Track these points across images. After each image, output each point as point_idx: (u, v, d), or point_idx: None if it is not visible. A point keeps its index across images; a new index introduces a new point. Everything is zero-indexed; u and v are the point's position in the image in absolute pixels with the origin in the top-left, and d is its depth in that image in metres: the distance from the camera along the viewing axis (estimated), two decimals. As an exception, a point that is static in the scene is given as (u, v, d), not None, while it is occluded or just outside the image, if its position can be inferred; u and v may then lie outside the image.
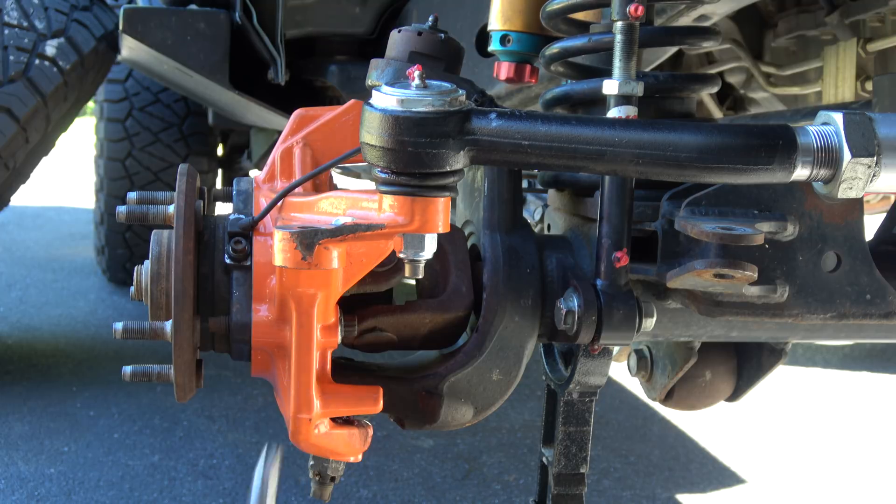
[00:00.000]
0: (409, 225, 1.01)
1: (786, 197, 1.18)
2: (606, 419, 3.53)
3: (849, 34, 1.79)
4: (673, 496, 2.93)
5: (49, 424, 3.25)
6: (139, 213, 1.13)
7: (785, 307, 1.19)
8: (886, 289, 1.20)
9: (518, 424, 3.42)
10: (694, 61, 2.36)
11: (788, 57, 2.16)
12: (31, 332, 4.31)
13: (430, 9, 2.33)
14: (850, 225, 1.20)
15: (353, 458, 1.18)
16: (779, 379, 4.02)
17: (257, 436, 3.24)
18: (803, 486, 3.06)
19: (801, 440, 3.45)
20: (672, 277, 1.16)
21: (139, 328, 1.11)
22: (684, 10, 1.42)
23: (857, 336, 1.34)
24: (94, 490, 2.77)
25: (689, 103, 1.35)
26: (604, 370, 1.29)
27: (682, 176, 1.04)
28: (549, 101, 1.36)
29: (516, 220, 1.26)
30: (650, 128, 1.03)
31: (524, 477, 2.96)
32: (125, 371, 1.15)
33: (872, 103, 1.63)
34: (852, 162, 1.03)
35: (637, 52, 1.14)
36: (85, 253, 5.96)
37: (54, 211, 7.57)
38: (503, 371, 1.22)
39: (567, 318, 1.18)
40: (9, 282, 5.24)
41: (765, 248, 1.17)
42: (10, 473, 2.85)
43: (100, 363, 3.90)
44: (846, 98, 1.83)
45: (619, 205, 1.17)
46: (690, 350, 1.41)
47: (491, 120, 1.01)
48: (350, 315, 1.18)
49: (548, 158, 1.03)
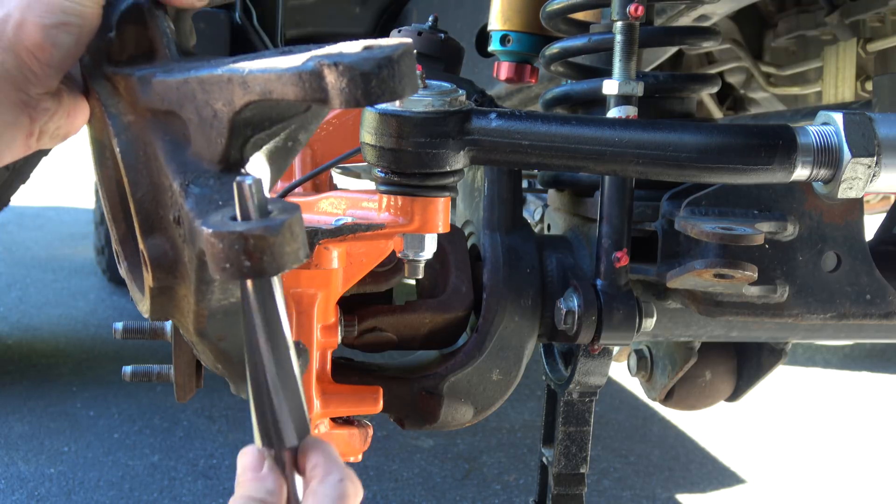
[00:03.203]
0: (409, 225, 1.01)
1: (786, 197, 1.18)
2: (606, 419, 3.53)
3: (849, 34, 1.79)
4: (673, 496, 2.93)
5: (49, 424, 3.25)
6: (139, 213, 1.13)
7: (785, 307, 1.19)
8: (886, 289, 1.20)
9: (518, 424, 3.42)
10: (694, 61, 2.36)
11: (788, 57, 2.16)
12: (31, 332, 4.31)
13: (430, 9, 2.33)
14: (850, 225, 1.20)
15: (353, 458, 1.18)
16: (779, 379, 4.02)
17: (257, 436, 3.23)
18: (803, 486, 3.06)
19: (801, 440, 3.45)
20: (672, 277, 1.16)
21: (139, 328, 1.11)
22: (684, 10, 1.42)
23: (857, 336, 1.34)
24: (94, 490, 2.77)
25: (689, 103, 1.35)
26: (604, 370, 1.29)
27: (682, 176, 1.04)
28: (549, 101, 1.36)
29: (516, 220, 1.26)
30: (650, 128, 1.03)
31: (524, 477, 2.96)
32: (125, 371, 1.16)
33: (872, 103, 1.63)
34: (852, 162, 1.03)
35: (637, 52, 1.14)
36: (85, 253, 5.95)
37: (54, 211, 7.57)
38: (503, 371, 1.22)
39: (567, 318, 1.17)
40: (9, 282, 5.24)
41: (765, 248, 1.17)
42: (10, 473, 2.85)
43: (100, 363, 3.90)
44: (846, 98, 1.83)
45: (619, 205, 1.17)
46: (690, 350, 1.41)
47: (491, 120, 1.02)
48: (350, 315, 1.18)
49: (548, 158, 1.03)
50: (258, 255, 0.62)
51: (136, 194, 0.79)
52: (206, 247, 0.64)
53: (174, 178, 0.75)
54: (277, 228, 0.62)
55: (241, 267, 0.63)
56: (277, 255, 0.63)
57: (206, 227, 0.64)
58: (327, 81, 0.66)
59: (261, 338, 0.66)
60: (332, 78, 0.66)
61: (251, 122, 0.74)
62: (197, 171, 0.75)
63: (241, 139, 0.74)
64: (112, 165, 0.87)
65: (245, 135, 0.75)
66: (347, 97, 0.65)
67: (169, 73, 0.78)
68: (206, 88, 0.74)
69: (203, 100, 0.74)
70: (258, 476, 0.65)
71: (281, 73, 0.68)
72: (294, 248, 0.64)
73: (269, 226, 0.63)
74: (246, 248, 0.62)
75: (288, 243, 0.63)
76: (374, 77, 0.65)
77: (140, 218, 0.79)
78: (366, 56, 0.65)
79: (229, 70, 0.72)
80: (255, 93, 0.70)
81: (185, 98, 0.76)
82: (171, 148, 0.77)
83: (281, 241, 0.63)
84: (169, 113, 0.78)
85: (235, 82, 0.71)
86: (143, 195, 0.79)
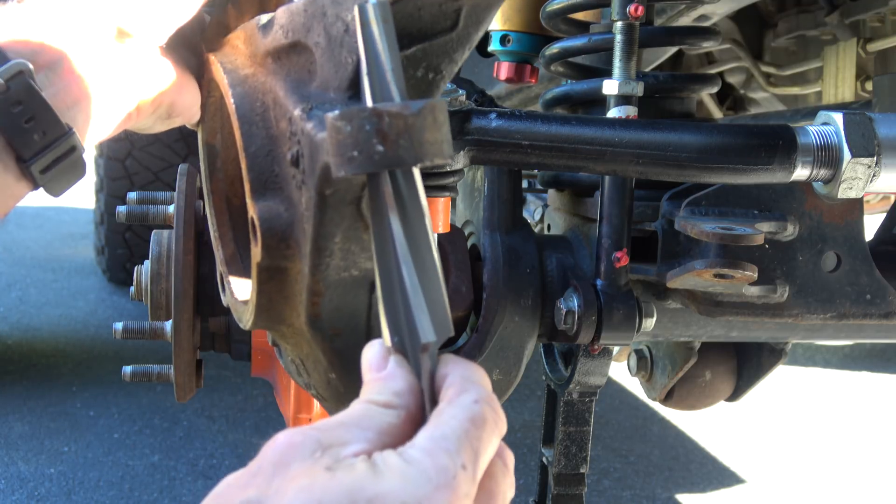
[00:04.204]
0: (409, 225, 1.01)
1: (786, 197, 1.18)
2: (606, 419, 3.53)
3: (849, 34, 1.79)
4: (673, 496, 2.93)
5: (49, 424, 3.25)
6: (139, 213, 1.13)
7: (785, 307, 1.19)
8: (886, 289, 1.20)
9: (518, 424, 3.42)
10: (694, 61, 2.35)
11: (788, 57, 2.16)
12: (31, 332, 4.31)
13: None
14: (850, 225, 1.20)
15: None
16: (779, 379, 4.02)
17: (257, 436, 3.24)
18: (803, 486, 3.06)
19: (801, 440, 3.45)
20: (672, 277, 1.16)
21: (139, 328, 1.11)
22: (684, 10, 1.42)
23: (857, 336, 1.34)
24: (94, 490, 2.77)
25: (689, 103, 1.35)
26: (604, 370, 1.29)
27: (682, 176, 1.04)
28: (549, 101, 1.36)
29: (516, 220, 1.26)
30: (650, 128, 1.03)
31: (524, 477, 2.96)
32: (125, 371, 1.16)
33: (872, 103, 1.63)
34: (852, 162, 1.03)
35: (637, 52, 1.14)
36: (85, 253, 5.95)
37: (54, 211, 7.57)
38: (503, 371, 1.22)
39: (567, 318, 1.17)
40: (9, 282, 5.24)
41: (765, 248, 1.17)
42: (10, 473, 2.85)
43: (100, 363, 3.90)
44: (846, 98, 1.83)
45: (619, 205, 1.17)
46: (690, 350, 1.41)
47: (491, 120, 1.01)
48: (350, 315, 1.18)
49: (548, 158, 1.03)
50: (394, 137, 0.52)
51: (250, 148, 0.71)
52: (330, 136, 0.53)
53: (295, 107, 0.66)
54: (418, 109, 0.52)
55: (373, 152, 0.52)
56: (416, 142, 0.52)
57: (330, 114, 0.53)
58: None
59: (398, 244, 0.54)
60: None
61: None
62: (322, 101, 0.66)
63: None
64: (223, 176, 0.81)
65: None
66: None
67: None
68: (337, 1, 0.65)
69: (333, 14, 0.65)
70: (381, 376, 0.55)
71: None
72: (437, 137, 0.53)
73: (408, 104, 0.53)
74: (379, 129, 0.52)
75: (429, 129, 0.53)
76: None
77: (252, 175, 0.70)
78: None
79: None
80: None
81: (314, 18, 0.67)
82: (294, 86, 0.69)
83: (422, 125, 0.52)
84: (293, 46, 0.70)
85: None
86: (257, 149, 0.71)
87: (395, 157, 0.51)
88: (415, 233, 0.54)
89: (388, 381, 0.54)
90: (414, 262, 0.54)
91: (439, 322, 0.54)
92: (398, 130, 0.51)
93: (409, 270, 0.54)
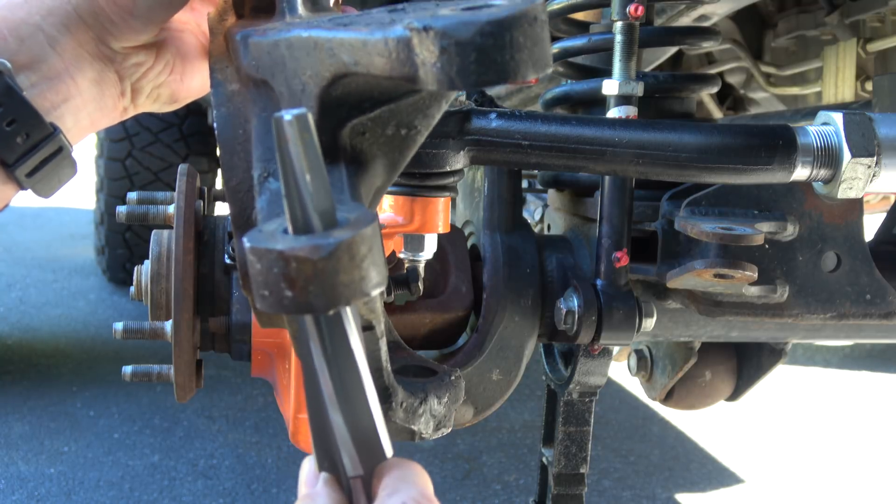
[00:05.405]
0: (408, 225, 1.01)
1: (786, 197, 1.18)
2: (606, 419, 3.53)
3: (849, 34, 1.79)
4: (673, 496, 2.93)
5: (49, 424, 3.25)
6: (139, 213, 1.13)
7: (785, 307, 1.19)
8: (886, 289, 1.20)
9: (518, 424, 3.42)
10: (694, 61, 2.35)
11: (788, 57, 2.16)
12: (31, 332, 4.31)
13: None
14: (850, 225, 1.20)
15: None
16: (779, 379, 4.02)
17: (257, 436, 3.24)
18: (803, 486, 3.06)
19: (800, 440, 3.45)
20: (672, 277, 1.16)
21: (139, 328, 1.11)
22: (684, 10, 1.42)
23: (857, 336, 1.34)
24: (94, 490, 2.77)
25: (689, 103, 1.35)
26: (604, 370, 1.29)
27: (682, 176, 1.04)
28: (549, 101, 1.36)
29: (516, 220, 1.26)
30: (650, 128, 1.03)
31: (524, 477, 2.96)
32: (125, 371, 1.15)
33: (872, 103, 1.63)
34: (852, 162, 1.02)
35: (637, 52, 1.14)
36: (85, 253, 5.95)
37: (54, 211, 7.57)
38: (503, 371, 1.22)
39: (567, 318, 1.17)
40: (9, 282, 5.24)
41: (765, 248, 1.17)
42: (10, 473, 2.85)
43: (100, 363, 3.90)
44: (846, 98, 1.83)
45: (619, 205, 1.17)
46: (690, 350, 1.41)
47: (491, 120, 1.02)
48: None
49: (548, 158, 1.03)
50: (302, 283, 0.46)
51: (231, 181, 0.65)
52: (249, 265, 0.49)
53: (255, 168, 0.61)
54: (329, 249, 0.46)
55: (282, 297, 0.47)
56: (327, 287, 0.46)
57: (246, 239, 0.48)
58: (416, 53, 0.49)
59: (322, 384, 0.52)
60: (421, 48, 0.49)
61: (346, 101, 0.59)
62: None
63: (333, 121, 0.59)
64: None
65: (339, 116, 0.59)
66: (440, 76, 0.48)
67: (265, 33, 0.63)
68: (294, 55, 0.59)
69: (292, 69, 0.59)
70: (310, 493, 0.57)
71: (367, 38, 0.52)
72: (353, 277, 0.47)
73: (318, 245, 0.46)
74: (286, 274, 0.46)
75: (344, 271, 0.46)
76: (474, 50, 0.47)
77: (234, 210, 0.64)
78: (467, 20, 0.47)
79: (318, 33, 0.56)
80: (342, 64, 0.55)
81: (276, 65, 0.61)
82: (263, 131, 0.63)
83: (334, 268, 0.46)
84: (264, 83, 0.63)
85: (322, 49, 0.56)
86: (239, 183, 0.64)
87: (305, 304, 0.47)
88: (341, 371, 0.52)
89: (315, 500, 0.56)
90: (339, 400, 0.52)
91: (368, 453, 0.54)
92: (306, 276, 0.46)
93: (333, 410, 0.52)
